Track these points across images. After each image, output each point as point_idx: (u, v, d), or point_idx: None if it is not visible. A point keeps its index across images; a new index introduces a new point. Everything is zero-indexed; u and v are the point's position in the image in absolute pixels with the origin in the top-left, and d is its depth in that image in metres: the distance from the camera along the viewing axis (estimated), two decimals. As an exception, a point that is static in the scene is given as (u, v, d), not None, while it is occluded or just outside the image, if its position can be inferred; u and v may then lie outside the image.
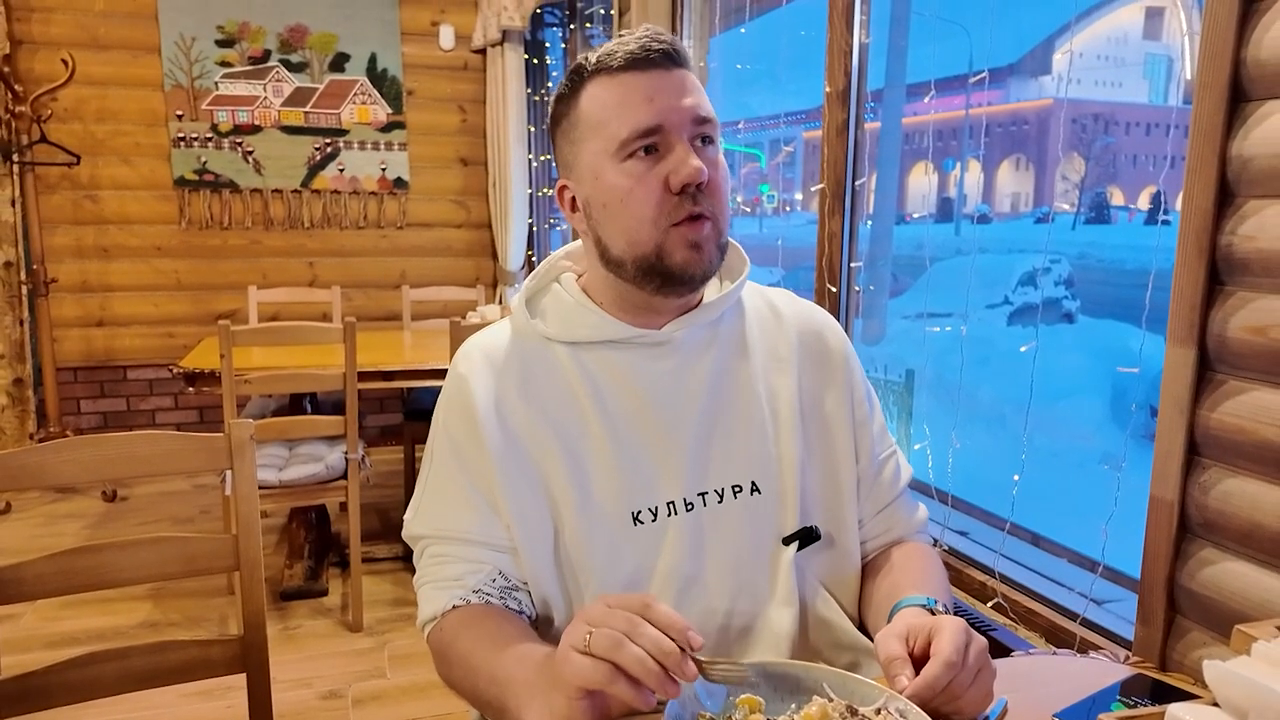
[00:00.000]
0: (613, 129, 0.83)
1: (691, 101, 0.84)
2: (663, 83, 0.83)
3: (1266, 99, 0.91)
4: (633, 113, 0.82)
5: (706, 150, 0.85)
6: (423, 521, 0.91)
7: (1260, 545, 0.93)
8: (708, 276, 0.88)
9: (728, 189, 0.87)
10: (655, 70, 0.83)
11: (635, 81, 0.83)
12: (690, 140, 0.83)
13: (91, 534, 3.24)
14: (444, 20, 4.22)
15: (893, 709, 0.68)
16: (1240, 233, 0.94)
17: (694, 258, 0.84)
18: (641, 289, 0.87)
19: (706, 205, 0.84)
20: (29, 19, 3.70)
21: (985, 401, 5.43)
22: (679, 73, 0.84)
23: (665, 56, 0.84)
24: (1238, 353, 0.95)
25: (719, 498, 0.89)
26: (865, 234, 2.06)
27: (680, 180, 0.81)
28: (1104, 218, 17.62)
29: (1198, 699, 0.68)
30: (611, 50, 0.84)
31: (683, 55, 0.86)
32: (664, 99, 0.82)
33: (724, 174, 0.86)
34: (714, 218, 0.85)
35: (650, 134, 0.82)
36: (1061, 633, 1.33)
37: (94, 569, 1.04)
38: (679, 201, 0.83)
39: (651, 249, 0.84)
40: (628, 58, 0.83)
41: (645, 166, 0.83)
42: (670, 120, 0.82)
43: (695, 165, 0.81)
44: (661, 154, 0.83)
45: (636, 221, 0.84)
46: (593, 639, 0.62)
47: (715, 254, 0.86)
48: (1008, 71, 21.89)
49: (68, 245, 3.87)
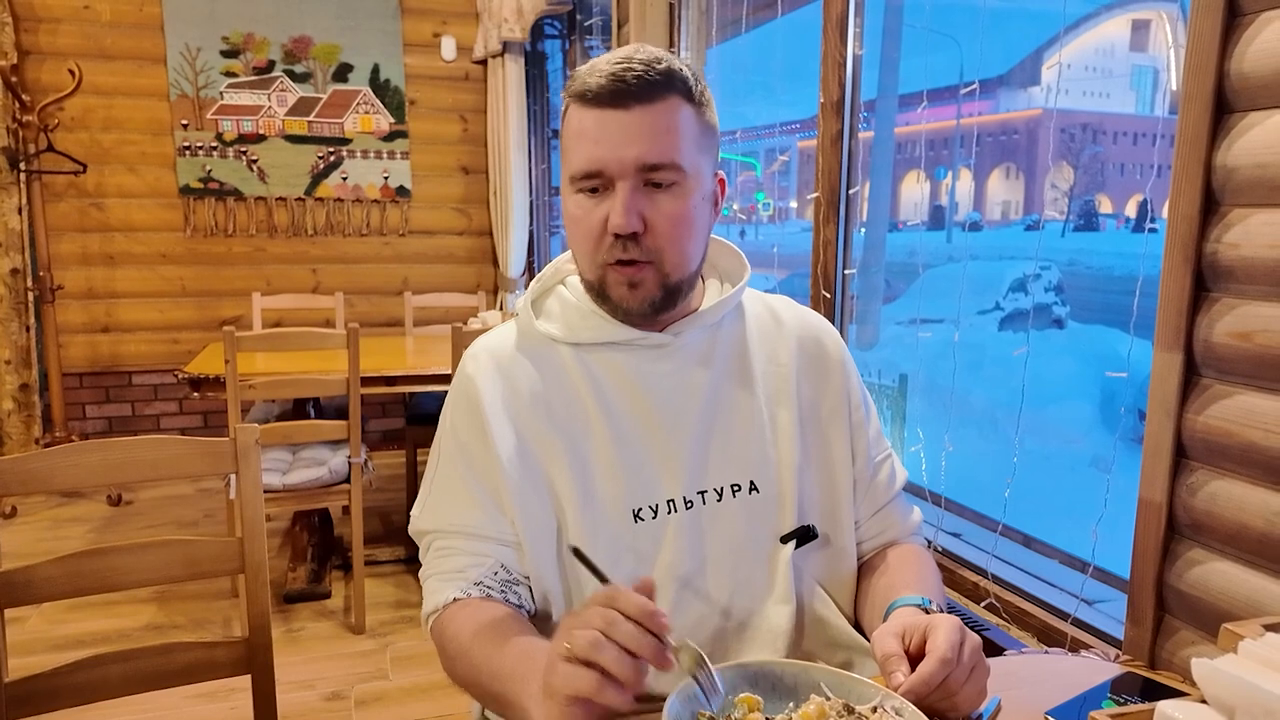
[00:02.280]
0: (570, 159, 0.85)
1: (640, 147, 0.81)
2: (614, 124, 0.82)
3: (1249, 110, 0.92)
4: (582, 151, 0.83)
5: (659, 194, 0.83)
6: (429, 518, 0.92)
7: (1246, 546, 0.94)
8: (649, 313, 0.88)
9: (683, 231, 0.85)
10: (611, 109, 0.82)
11: (590, 119, 0.83)
12: (639, 183, 0.83)
13: (97, 538, 3.24)
14: (445, 32, 4.25)
15: (889, 707, 0.68)
16: (1225, 241, 0.95)
17: (629, 295, 0.86)
18: (602, 307, 0.90)
19: (641, 252, 0.84)
20: (36, 30, 3.73)
21: (977, 405, 5.44)
22: (639, 110, 0.81)
23: (625, 94, 0.81)
24: (1223, 358, 0.96)
25: (718, 496, 0.90)
26: (859, 241, 2.07)
27: (611, 228, 0.83)
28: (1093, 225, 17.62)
29: (1186, 696, 0.68)
30: (586, 75, 0.83)
31: (658, 86, 0.82)
32: (611, 143, 0.82)
33: (678, 217, 0.84)
34: (656, 262, 0.85)
35: (592, 176, 0.83)
36: (1053, 632, 1.33)
37: (100, 572, 1.04)
38: (613, 245, 0.84)
39: (594, 278, 0.88)
40: (594, 90, 0.82)
41: (592, 203, 0.84)
42: (611, 167, 0.82)
43: (621, 216, 0.81)
44: (605, 194, 0.84)
45: (580, 250, 0.88)
46: (573, 640, 0.63)
47: (655, 293, 0.86)
48: (998, 82, 21.99)
49: (74, 252, 3.89)
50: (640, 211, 0.83)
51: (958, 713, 0.72)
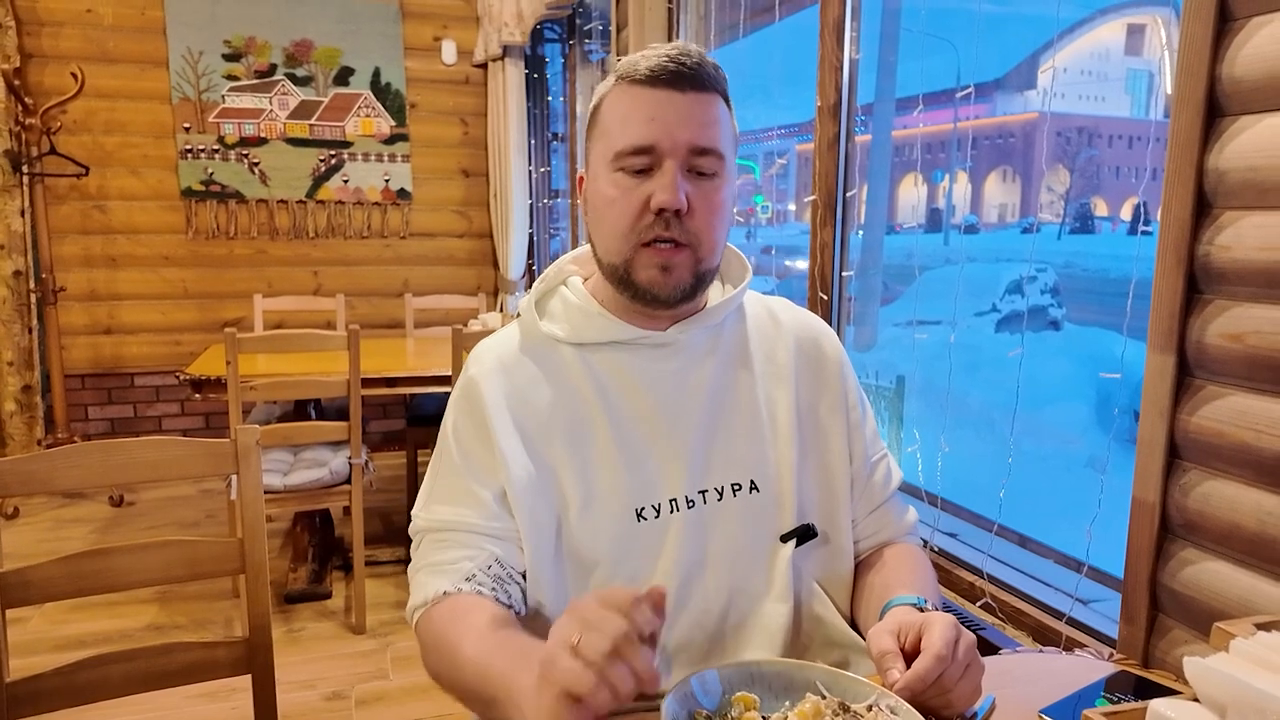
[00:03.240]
0: (613, 138, 0.85)
1: (693, 130, 0.83)
2: (670, 104, 0.83)
3: (1241, 114, 0.93)
4: (632, 128, 0.84)
5: (702, 180, 0.85)
6: (429, 516, 0.92)
7: (1238, 545, 0.95)
8: (677, 299, 0.88)
9: (719, 219, 0.87)
10: (667, 90, 0.83)
11: (644, 97, 0.84)
12: (684, 167, 0.84)
13: (99, 538, 3.26)
14: (446, 35, 4.27)
15: (884, 706, 0.69)
16: (1217, 243, 0.96)
17: (660, 279, 0.86)
18: (620, 294, 0.90)
19: (682, 233, 0.84)
20: (39, 33, 3.75)
21: (974, 406, 5.44)
22: (693, 96, 0.84)
23: (682, 77, 0.83)
24: (1216, 359, 0.97)
25: (719, 495, 0.90)
26: (856, 244, 2.08)
27: (657, 204, 0.83)
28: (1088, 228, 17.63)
29: (1179, 695, 0.69)
30: (637, 60, 0.85)
31: (707, 79, 0.85)
32: (665, 121, 0.83)
33: (716, 205, 0.86)
34: (693, 245, 0.86)
35: (642, 152, 0.84)
36: (1048, 631, 1.34)
37: (101, 573, 1.04)
38: (654, 222, 0.84)
39: (622, 261, 0.87)
40: (647, 72, 0.84)
41: (633, 182, 0.84)
42: (664, 144, 0.83)
43: (672, 192, 0.82)
44: (650, 173, 0.84)
45: (613, 231, 0.87)
46: (584, 641, 0.60)
47: (688, 279, 0.87)
48: (994, 86, 22.02)
49: (76, 254, 3.91)
50: (686, 192, 0.84)
51: (952, 710, 0.72)
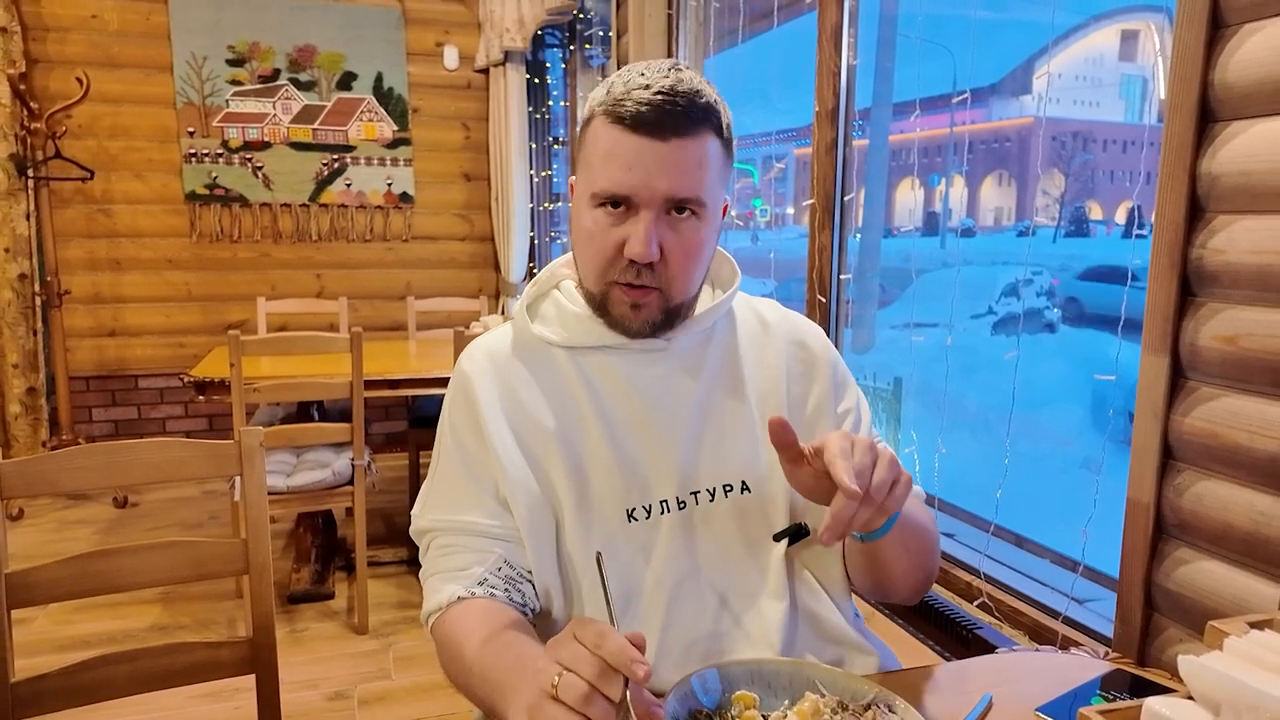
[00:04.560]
0: (594, 176, 0.85)
1: (672, 180, 0.82)
2: (650, 153, 0.81)
3: (1233, 119, 0.95)
4: (611, 173, 0.83)
5: (681, 222, 0.84)
6: (430, 515, 0.92)
7: (1232, 545, 0.96)
8: (648, 333, 0.90)
9: (694, 261, 0.87)
10: (649, 138, 0.81)
11: (625, 142, 0.82)
12: (662, 213, 0.83)
13: (103, 539, 3.27)
14: (448, 41, 4.29)
15: (881, 704, 0.70)
16: (1210, 246, 0.97)
17: (631, 315, 0.87)
18: (600, 319, 0.91)
19: (652, 279, 0.85)
20: (45, 39, 3.77)
21: (971, 408, 5.44)
22: (676, 143, 0.81)
23: (664, 126, 0.81)
24: (1209, 361, 0.98)
25: (710, 496, 0.91)
26: (854, 247, 2.10)
27: (629, 254, 0.83)
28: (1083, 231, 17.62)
29: (1174, 693, 0.69)
30: (624, 94, 0.82)
31: (695, 119, 0.82)
32: (644, 170, 0.81)
33: (693, 247, 0.86)
34: (663, 289, 0.86)
35: (619, 200, 0.84)
36: (1044, 630, 1.35)
37: (106, 573, 1.04)
38: (626, 267, 0.85)
39: (598, 292, 0.89)
40: (632, 115, 0.81)
41: (611, 222, 0.85)
42: (640, 195, 0.82)
43: (644, 245, 0.82)
44: (626, 216, 0.84)
45: (589, 266, 0.88)
46: (561, 685, 0.61)
47: (657, 316, 0.88)
48: (990, 91, 22.04)
49: (81, 258, 3.93)
50: (660, 239, 0.83)
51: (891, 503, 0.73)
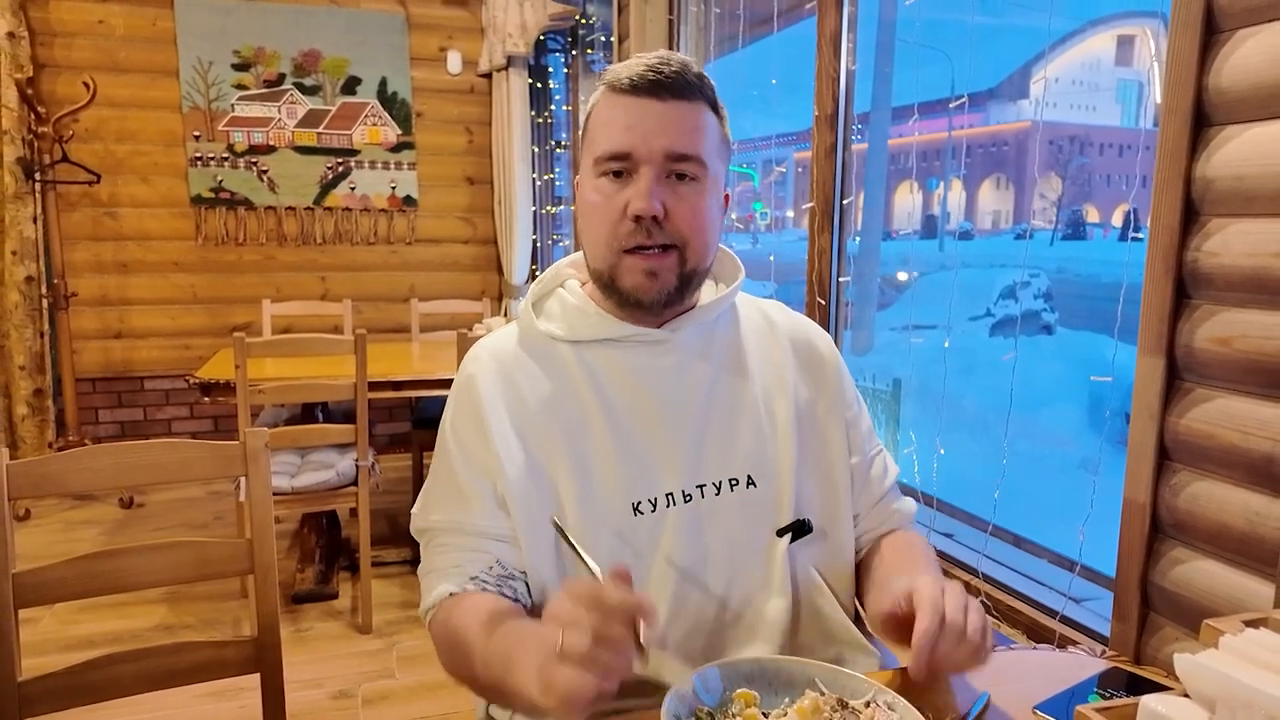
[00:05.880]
0: (597, 145, 0.87)
1: (670, 136, 0.85)
2: (648, 112, 0.85)
3: (1227, 124, 0.96)
4: (611, 135, 0.86)
5: (682, 185, 0.86)
6: (429, 514, 0.93)
7: (1227, 544, 0.97)
8: (662, 303, 0.90)
9: (704, 221, 0.88)
10: (646, 98, 0.85)
11: (624, 105, 0.86)
12: (662, 174, 0.85)
13: (109, 540, 3.27)
14: (451, 46, 4.32)
15: (881, 702, 0.71)
16: (1205, 249, 0.98)
17: (645, 284, 0.88)
18: (608, 299, 0.92)
19: (663, 237, 0.86)
20: (52, 44, 3.80)
21: (969, 409, 5.45)
22: (672, 103, 0.85)
23: (662, 86, 0.85)
24: (1204, 362, 0.99)
25: (716, 490, 0.91)
26: (854, 250, 2.13)
27: (632, 210, 0.85)
28: (1080, 234, 17.65)
29: (1170, 690, 0.70)
30: (621, 69, 0.87)
31: (688, 87, 0.86)
32: (642, 128, 0.85)
33: (699, 208, 0.87)
34: (680, 246, 0.87)
35: (619, 159, 0.85)
36: (1042, 629, 1.37)
37: (112, 573, 1.05)
38: (634, 230, 0.86)
39: (607, 267, 0.89)
40: (627, 81, 0.85)
41: (614, 188, 0.86)
42: (640, 150, 0.85)
43: (646, 200, 0.84)
44: (629, 180, 0.86)
45: (597, 237, 0.89)
46: (565, 644, 0.62)
47: (673, 282, 0.88)
48: (987, 96, 22.09)
49: (87, 260, 3.95)
50: (662, 199, 0.85)
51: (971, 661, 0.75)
